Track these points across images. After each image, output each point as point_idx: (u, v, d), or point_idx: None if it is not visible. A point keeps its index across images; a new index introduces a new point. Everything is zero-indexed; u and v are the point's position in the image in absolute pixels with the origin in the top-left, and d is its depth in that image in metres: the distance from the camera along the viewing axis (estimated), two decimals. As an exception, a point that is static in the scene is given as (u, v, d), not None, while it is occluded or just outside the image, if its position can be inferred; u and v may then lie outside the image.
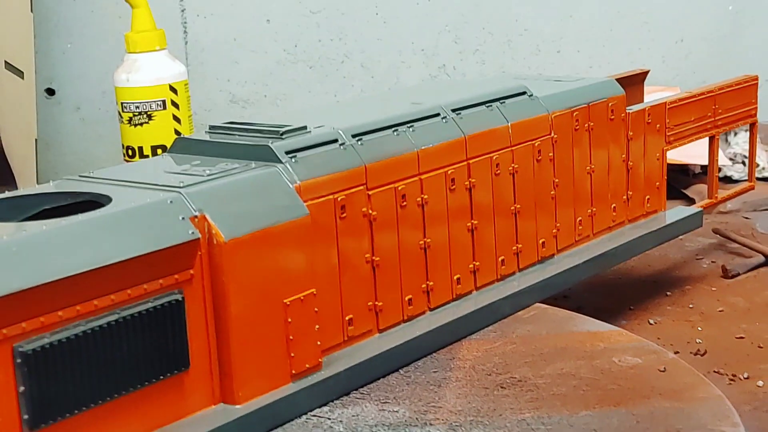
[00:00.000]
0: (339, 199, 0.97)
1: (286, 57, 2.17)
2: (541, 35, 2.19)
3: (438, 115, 1.10)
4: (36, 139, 1.88)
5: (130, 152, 1.67)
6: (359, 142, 1.01)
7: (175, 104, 1.66)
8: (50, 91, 2.16)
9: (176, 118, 1.67)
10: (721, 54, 2.21)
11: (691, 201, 1.82)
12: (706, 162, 1.54)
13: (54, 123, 2.17)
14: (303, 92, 2.18)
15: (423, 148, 1.06)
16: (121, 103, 1.66)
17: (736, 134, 2.02)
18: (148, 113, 1.65)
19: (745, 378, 1.19)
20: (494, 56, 2.18)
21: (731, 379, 1.18)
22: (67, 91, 2.17)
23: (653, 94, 1.68)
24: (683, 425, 0.88)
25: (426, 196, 1.05)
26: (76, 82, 2.17)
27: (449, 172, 1.08)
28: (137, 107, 1.65)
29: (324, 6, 2.15)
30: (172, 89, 1.66)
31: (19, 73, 1.82)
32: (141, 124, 1.66)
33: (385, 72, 2.18)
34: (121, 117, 1.66)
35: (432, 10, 2.17)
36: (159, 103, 1.65)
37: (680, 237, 1.62)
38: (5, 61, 1.74)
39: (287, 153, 0.95)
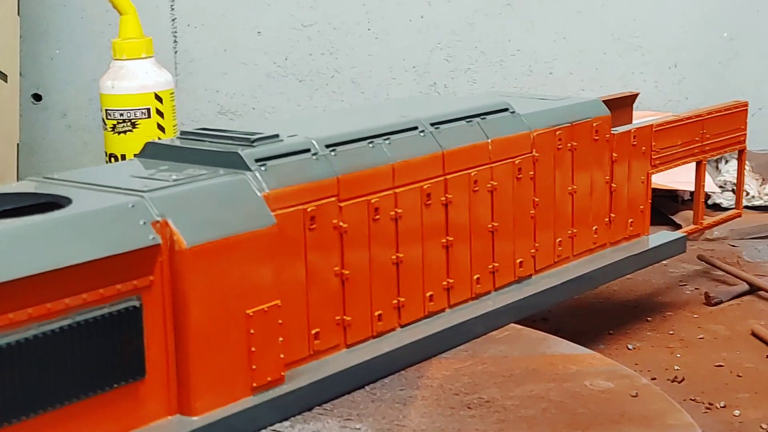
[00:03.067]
0: (309, 209, 0.95)
1: (276, 70, 2.16)
2: (534, 56, 2.17)
3: (416, 128, 1.08)
4: (18, 144, 1.86)
5: (113, 160, 1.65)
6: (332, 153, 0.99)
7: (160, 113, 1.64)
8: (37, 97, 2.14)
9: (161, 127, 1.65)
10: (714, 81, 2.20)
11: (678, 227, 1.80)
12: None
13: (40, 129, 2.15)
14: (292, 106, 2.16)
15: (399, 161, 1.04)
16: (106, 110, 1.64)
17: (726, 162, 2.01)
18: (133, 121, 1.63)
19: (721, 407, 1.17)
20: (486, 76, 2.17)
21: (707, 408, 1.16)
22: (54, 98, 2.15)
23: (644, 120, 1.66)
24: (651, 452, 0.86)
25: (400, 211, 1.03)
26: (63, 89, 2.15)
27: (425, 186, 1.06)
28: (121, 114, 1.63)
29: (316, 20, 2.14)
30: (158, 98, 1.64)
31: (3, 77, 1.81)
32: (125, 132, 1.64)
33: (375, 88, 2.16)
34: (105, 124, 1.64)
35: (425, 27, 2.15)
36: (144, 111, 1.64)
37: (664, 263, 1.60)
38: (-11, 64, 1.72)
39: (257, 161, 0.93)
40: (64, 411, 0.78)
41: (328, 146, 0.99)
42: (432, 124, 1.10)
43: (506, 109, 1.18)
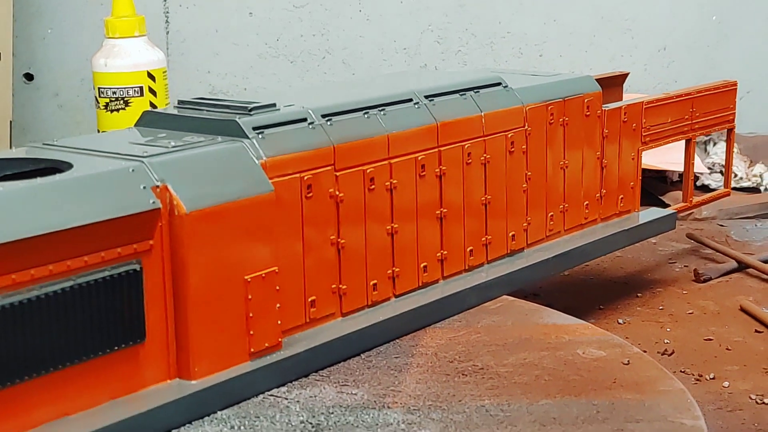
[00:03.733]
0: (305, 178, 0.96)
1: (268, 51, 2.16)
2: (524, 38, 2.18)
3: (410, 100, 1.09)
4: (11, 122, 1.87)
5: (105, 138, 1.65)
6: (329, 123, 1.00)
7: (152, 91, 1.65)
8: (29, 77, 2.14)
9: (153, 106, 1.65)
10: (703, 63, 2.21)
11: (667, 207, 1.81)
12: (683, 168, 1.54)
13: (32, 108, 2.16)
14: (283, 87, 2.17)
15: (394, 132, 1.05)
16: (99, 88, 1.65)
17: (715, 144, 2.02)
18: (125, 99, 1.64)
19: (711, 378, 1.18)
20: (476, 57, 2.18)
21: (697, 379, 1.18)
22: (45, 77, 2.15)
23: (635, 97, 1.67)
24: (643, 416, 0.87)
25: (395, 181, 1.04)
26: (55, 69, 2.15)
27: (419, 158, 1.07)
28: (114, 93, 1.64)
29: (307, 1, 2.15)
30: (150, 76, 1.65)
31: (-4, 54, 1.81)
32: (117, 110, 1.64)
33: (366, 69, 2.17)
34: (98, 102, 1.65)
35: (416, 9, 2.16)
36: (136, 89, 1.64)
37: (654, 241, 1.62)
38: (-18, 42, 1.72)
39: (254, 129, 0.94)
40: (64, 373, 0.79)
41: (324, 116, 1.00)
42: (426, 97, 1.11)
43: (499, 84, 1.19)
